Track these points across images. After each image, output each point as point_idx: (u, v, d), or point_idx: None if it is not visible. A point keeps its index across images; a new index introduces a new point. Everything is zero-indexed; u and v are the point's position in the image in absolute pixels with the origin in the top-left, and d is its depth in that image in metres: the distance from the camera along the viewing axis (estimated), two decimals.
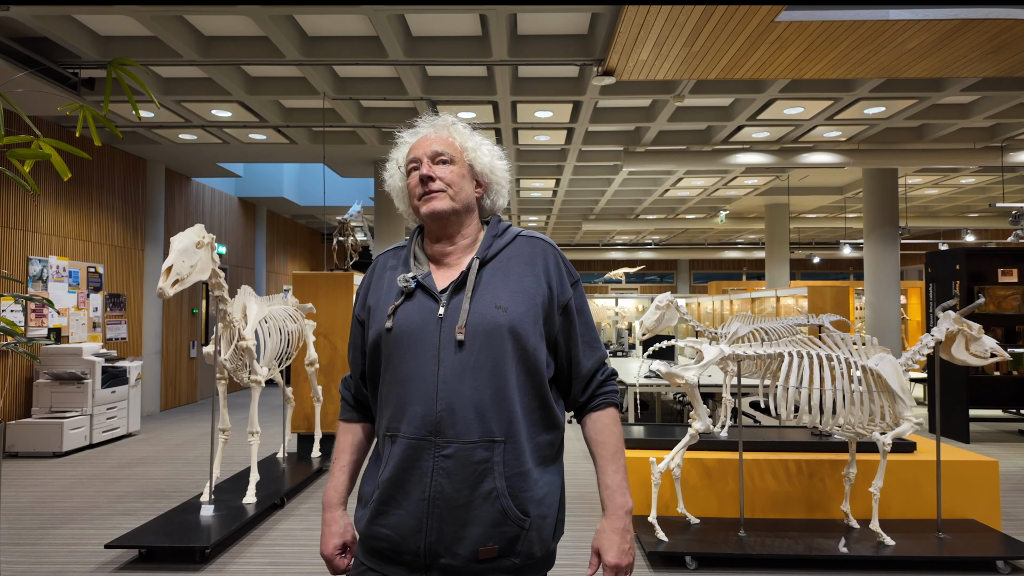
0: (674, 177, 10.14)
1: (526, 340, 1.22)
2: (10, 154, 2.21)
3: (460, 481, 1.17)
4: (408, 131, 1.38)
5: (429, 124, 1.36)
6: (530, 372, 1.23)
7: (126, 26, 5.04)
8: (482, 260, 1.28)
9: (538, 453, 1.24)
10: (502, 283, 1.26)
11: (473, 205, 1.34)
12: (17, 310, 6.17)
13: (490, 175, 1.35)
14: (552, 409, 1.28)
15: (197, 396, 9.82)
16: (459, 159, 1.31)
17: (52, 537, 3.89)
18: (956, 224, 13.66)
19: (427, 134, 1.34)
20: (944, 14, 4.14)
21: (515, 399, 1.21)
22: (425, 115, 1.39)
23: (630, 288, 20.09)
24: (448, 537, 1.16)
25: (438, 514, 1.17)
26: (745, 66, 5.03)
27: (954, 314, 3.45)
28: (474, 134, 1.36)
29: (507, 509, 1.17)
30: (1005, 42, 4.57)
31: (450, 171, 1.30)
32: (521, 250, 1.32)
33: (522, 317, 1.23)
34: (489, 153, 1.35)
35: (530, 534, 1.20)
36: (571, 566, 3.45)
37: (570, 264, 1.36)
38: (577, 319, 1.33)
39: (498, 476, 1.17)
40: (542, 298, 1.27)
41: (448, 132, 1.34)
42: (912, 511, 3.89)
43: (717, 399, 6.46)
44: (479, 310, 1.22)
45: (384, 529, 1.21)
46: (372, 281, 1.38)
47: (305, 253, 14.69)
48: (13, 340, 4.17)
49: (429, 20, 4.99)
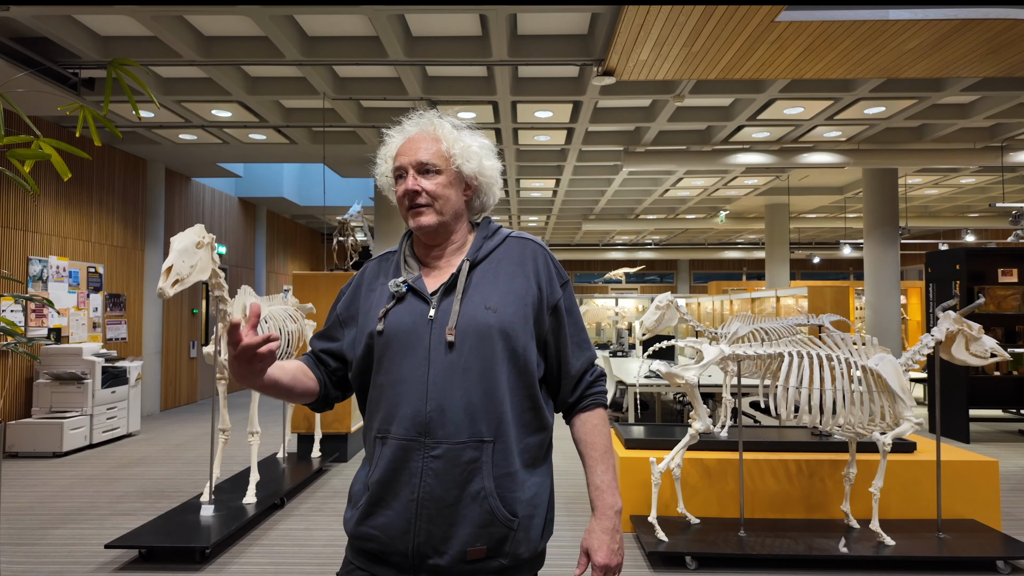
0: (674, 177, 10.14)
1: (516, 341, 1.22)
2: (10, 154, 2.21)
3: (449, 481, 1.17)
4: (395, 128, 1.35)
5: (415, 123, 1.33)
6: (520, 373, 1.24)
7: (126, 26, 5.04)
8: (472, 262, 1.29)
9: (527, 454, 1.24)
10: (492, 284, 1.26)
11: (461, 211, 1.33)
12: (17, 310, 6.17)
13: (479, 177, 1.33)
14: (542, 410, 1.28)
15: (197, 396, 9.82)
16: (446, 167, 1.29)
17: (52, 537, 3.89)
18: (956, 224, 13.66)
19: (413, 135, 1.31)
20: (944, 14, 4.14)
21: (505, 400, 1.21)
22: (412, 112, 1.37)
23: (630, 288, 20.09)
24: (436, 538, 1.16)
25: (426, 515, 1.17)
26: (745, 66, 5.03)
27: (954, 314, 3.45)
28: (462, 134, 1.32)
29: (495, 509, 1.17)
30: (1005, 42, 4.57)
31: (436, 183, 1.28)
32: (511, 251, 1.32)
33: (512, 318, 1.23)
34: (477, 155, 1.32)
35: (518, 534, 1.20)
36: (569, 566, 3.45)
37: (559, 265, 1.36)
38: (567, 319, 1.33)
39: (486, 476, 1.18)
40: (532, 299, 1.27)
41: (434, 135, 1.30)
42: (912, 511, 3.89)
43: (717, 399, 6.46)
44: (469, 311, 1.22)
45: (373, 530, 1.21)
46: (362, 286, 1.37)
47: (305, 253, 14.69)
48: (13, 340, 4.17)
49: (429, 20, 4.99)
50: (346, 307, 1.38)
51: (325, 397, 1.37)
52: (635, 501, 3.95)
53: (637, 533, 3.65)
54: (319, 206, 11.68)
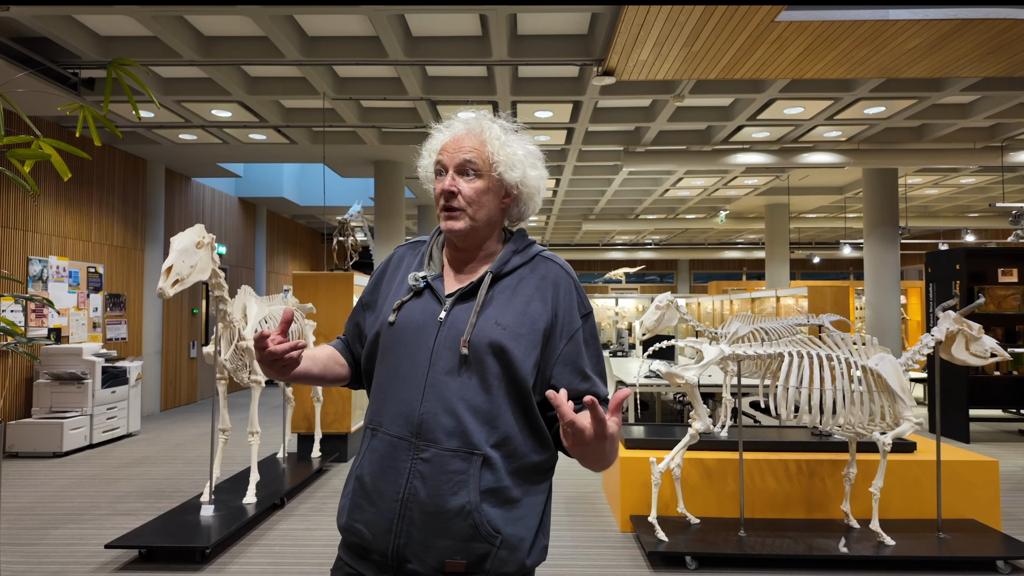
0: (674, 177, 10.14)
1: (519, 362, 1.20)
2: (10, 154, 2.21)
3: (435, 488, 1.15)
4: (443, 123, 1.32)
5: (464, 122, 1.30)
6: (519, 394, 1.21)
7: (126, 26, 5.04)
8: (496, 275, 1.27)
9: (522, 473, 1.21)
10: (508, 302, 1.24)
11: (496, 220, 1.31)
12: (17, 310, 6.17)
13: (521, 187, 1.30)
14: (542, 431, 1.24)
15: (197, 396, 9.82)
16: (486, 172, 1.26)
17: (52, 537, 3.89)
18: (956, 224, 13.66)
19: (459, 134, 1.28)
20: (944, 14, 4.14)
21: (500, 416, 1.19)
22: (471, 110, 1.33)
23: (630, 288, 20.09)
24: (416, 543, 1.15)
25: (409, 517, 1.15)
26: (745, 66, 5.03)
27: (954, 314, 3.45)
28: (509, 140, 1.29)
29: (479, 525, 1.15)
30: (1005, 42, 4.57)
31: (474, 188, 1.25)
32: (535, 271, 1.29)
33: (520, 339, 1.21)
34: (522, 163, 1.28)
35: (500, 552, 1.16)
36: (569, 567, 3.45)
37: (584, 295, 1.31)
38: (584, 349, 1.27)
39: (472, 490, 1.15)
40: (545, 324, 1.24)
41: (481, 137, 1.27)
42: (912, 511, 3.89)
43: (717, 399, 6.46)
44: (479, 324, 1.21)
45: (358, 524, 1.21)
46: (387, 271, 1.39)
47: (305, 253, 14.69)
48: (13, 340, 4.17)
49: (429, 20, 4.99)
50: (370, 292, 1.40)
51: (357, 378, 1.42)
52: (635, 501, 3.95)
53: (637, 533, 3.65)
54: (319, 206, 11.68)
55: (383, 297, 1.35)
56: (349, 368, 1.40)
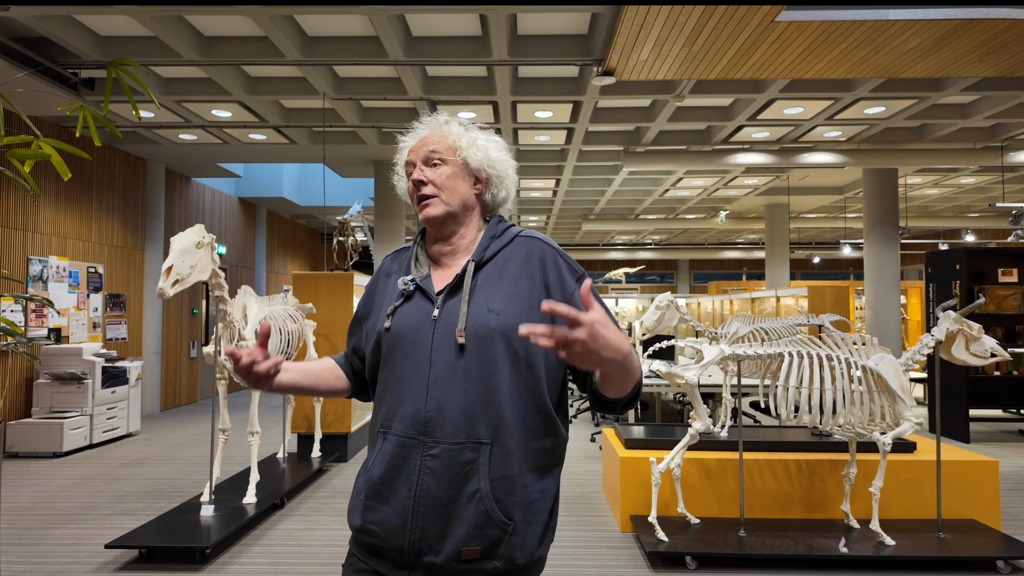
0: (674, 177, 10.14)
1: (518, 343, 1.21)
2: (10, 154, 2.21)
3: (446, 481, 1.18)
4: (409, 134, 1.39)
5: (425, 125, 1.37)
6: (524, 376, 1.22)
7: (126, 26, 5.04)
8: (477, 262, 1.29)
9: (531, 458, 1.23)
10: (496, 286, 1.26)
11: (471, 203, 1.34)
12: (17, 310, 6.17)
13: (488, 170, 1.35)
14: (551, 415, 1.25)
15: (197, 396, 9.82)
16: (451, 158, 1.32)
17: (52, 537, 3.89)
18: (956, 224, 13.65)
19: (424, 135, 1.35)
20: (944, 14, 4.14)
21: (504, 403, 1.20)
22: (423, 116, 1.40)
23: (630, 288, 20.10)
24: (432, 535, 1.17)
25: (423, 512, 1.18)
26: (745, 66, 5.03)
27: (954, 314, 3.45)
28: (469, 130, 1.36)
29: (490, 511, 1.17)
30: (1005, 42, 4.57)
31: (441, 173, 1.31)
32: (518, 251, 1.31)
33: (515, 320, 1.22)
34: (484, 147, 1.34)
35: (513, 538, 1.19)
36: (569, 567, 3.45)
37: (572, 260, 1.33)
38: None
39: (483, 478, 1.18)
40: (538, 299, 1.26)
41: (442, 130, 1.35)
42: (912, 511, 3.89)
43: (717, 399, 6.46)
44: (472, 313, 1.23)
45: (371, 525, 1.22)
46: (377, 283, 1.43)
47: (305, 253, 14.69)
48: (13, 340, 4.17)
49: (429, 20, 4.99)
50: (364, 305, 1.43)
51: (359, 390, 1.46)
52: (635, 501, 3.95)
53: (637, 533, 3.65)
54: (319, 206, 11.68)
55: (377, 307, 1.37)
56: (348, 381, 1.44)
